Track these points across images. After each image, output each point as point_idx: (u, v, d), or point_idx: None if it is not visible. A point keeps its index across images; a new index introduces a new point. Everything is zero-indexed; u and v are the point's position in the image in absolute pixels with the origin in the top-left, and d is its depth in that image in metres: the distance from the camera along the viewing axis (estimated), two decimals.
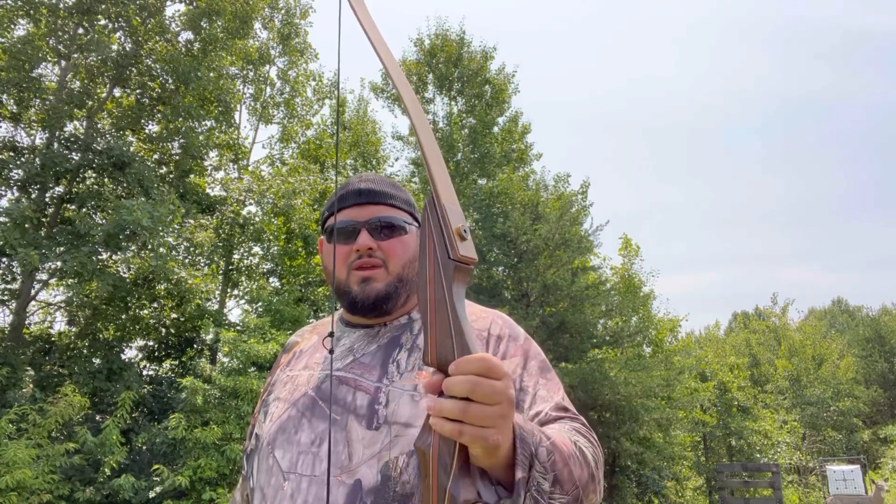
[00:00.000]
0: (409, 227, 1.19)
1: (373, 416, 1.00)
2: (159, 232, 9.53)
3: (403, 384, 1.03)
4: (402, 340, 1.12)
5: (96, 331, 11.27)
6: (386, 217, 1.16)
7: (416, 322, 1.16)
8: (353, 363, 1.10)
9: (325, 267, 1.23)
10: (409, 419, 0.98)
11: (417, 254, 1.13)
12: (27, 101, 10.43)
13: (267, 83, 14.82)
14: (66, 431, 8.61)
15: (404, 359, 1.08)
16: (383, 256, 1.13)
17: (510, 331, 1.15)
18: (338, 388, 1.06)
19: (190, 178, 12.45)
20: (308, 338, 1.29)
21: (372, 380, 1.05)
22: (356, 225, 1.15)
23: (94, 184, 11.10)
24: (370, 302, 1.12)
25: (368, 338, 1.15)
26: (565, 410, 1.03)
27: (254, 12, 12.45)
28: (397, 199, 1.21)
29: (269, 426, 1.09)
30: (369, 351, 1.12)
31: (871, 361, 36.56)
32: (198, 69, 11.08)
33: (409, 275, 1.15)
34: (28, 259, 8.55)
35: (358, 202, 1.17)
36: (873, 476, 19.24)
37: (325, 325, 1.29)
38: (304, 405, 1.07)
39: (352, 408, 1.02)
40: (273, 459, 1.03)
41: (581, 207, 17.12)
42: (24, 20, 10.45)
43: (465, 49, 18.07)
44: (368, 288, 1.12)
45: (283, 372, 1.22)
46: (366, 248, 1.12)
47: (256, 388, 8.73)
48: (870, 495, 12.98)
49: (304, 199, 12.31)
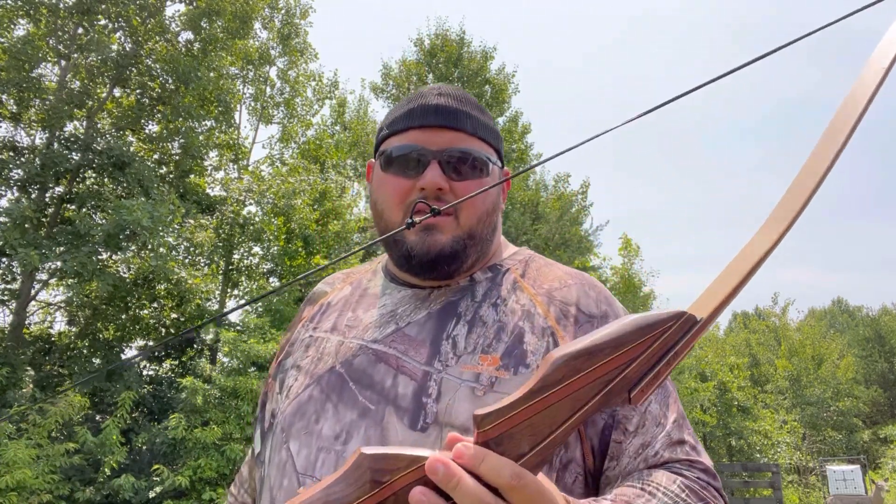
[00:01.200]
0: (493, 167, 0.91)
1: (419, 411, 0.76)
2: (159, 232, 9.53)
3: (461, 371, 0.78)
4: (459, 308, 0.86)
5: (96, 331, 11.28)
6: (467, 149, 0.88)
7: (479, 285, 0.89)
8: (395, 334, 0.85)
9: (373, 202, 0.94)
10: (467, 421, 0.74)
11: (497, 204, 0.93)
12: (27, 101, 10.43)
13: (267, 83, 14.83)
14: (66, 431, 8.61)
15: (462, 335, 0.82)
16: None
17: (607, 307, 0.87)
18: (374, 367, 0.82)
19: (190, 178, 12.46)
20: (339, 288, 1.00)
21: (419, 361, 0.81)
22: (425, 153, 0.87)
23: (94, 184, 11.10)
24: (429, 258, 0.85)
25: (417, 301, 0.89)
26: (681, 445, 0.78)
27: (254, 12, 12.45)
28: (484, 127, 0.92)
29: (285, 405, 0.85)
30: (417, 320, 0.86)
31: (871, 361, 36.58)
32: (198, 69, 11.08)
33: (483, 232, 0.89)
34: (28, 259, 8.55)
35: (431, 123, 0.88)
36: (873, 476, 19.23)
37: (363, 274, 1.01)
38: (330, 384, 0.83)
39: (391, 396, 0.78)
40: (286, 453, 0.80)
41: (581, 207, 17.12)
42: (24, 20, 10.45)
43: (465, 49, 18.08)
44: (430, 240, 0.85)
45: (305, 330, 0.95)
46: (434, 187, 0.85)
47: (256, 389, 8.73)
48: (870, 495, 12.99)
49: (304, 199, 12.31)
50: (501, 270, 0.92)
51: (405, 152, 0.88)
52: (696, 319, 0.53)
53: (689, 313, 0.53)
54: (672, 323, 0.52)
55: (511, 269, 0.92)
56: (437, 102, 0.89)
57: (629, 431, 0.77)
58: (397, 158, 0.88)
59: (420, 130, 0.88)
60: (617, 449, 0.77)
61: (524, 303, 0.85)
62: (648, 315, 0.52)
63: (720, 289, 0.56)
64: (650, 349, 0.52)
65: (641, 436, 0.77)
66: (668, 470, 0.74)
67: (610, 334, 0.51)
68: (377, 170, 0.94)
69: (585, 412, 0.51)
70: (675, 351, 0.53)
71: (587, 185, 17.95)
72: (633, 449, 0.77)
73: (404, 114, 0.91)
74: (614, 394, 0.51)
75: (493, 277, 0.90)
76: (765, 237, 0.59)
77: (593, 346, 0.50)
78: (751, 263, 0.57)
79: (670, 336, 0.52)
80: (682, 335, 0.53)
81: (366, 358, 0.84)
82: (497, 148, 0.95)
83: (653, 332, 0.52)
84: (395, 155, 0.88)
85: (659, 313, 0.52)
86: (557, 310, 0.84)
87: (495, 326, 0.82)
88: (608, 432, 0.78)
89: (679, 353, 0.53)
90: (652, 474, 0.73)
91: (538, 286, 0.88)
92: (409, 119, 0.90)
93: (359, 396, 0.80)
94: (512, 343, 0.80)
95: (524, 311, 0.84)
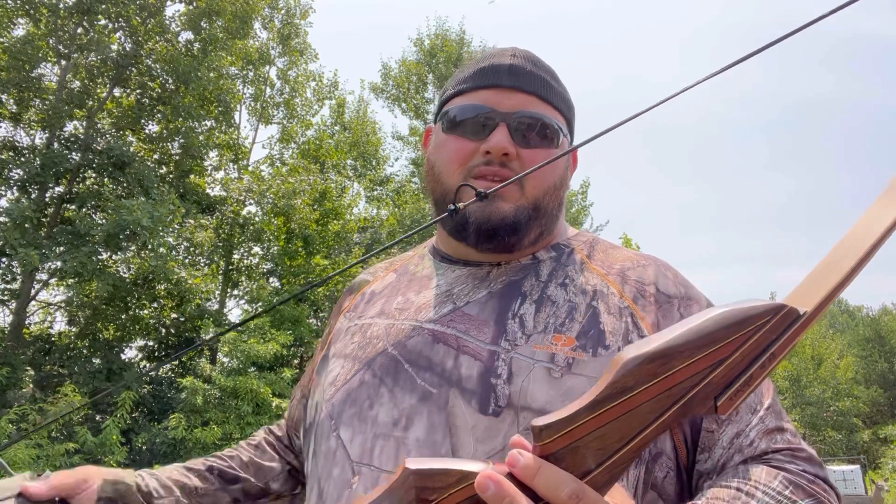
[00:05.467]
0: (563, 138, 0.84)
1: (488, 393, 0.69)
2: (159, 232, 9.53)
3: (533, 351, 0.71)
4: (524, 287, 0.79)
5: (96, 331, 11.28)
6: (538, 115, 0.81)
7: (542, 264, 0.82)
8: (453, 314, 0.78)
9: (429, 165, 0.87)
10: (545, 404, 0.67)
11: (565, 179, 0.87)
12: (27, 101, 10.44)
13: (267, 83, 14.84)
14: (66, 431, 8.61)
15: (530, 314, 0.75)
16: (521, 170, 0.79)
17: (685, 289, 0.80)
18: (431, 348, 0.75)
19: (190, 178, 12.46)
20: (382, 276, 0.94)
21: (484, 340, 0.74)
22: (494, 115, 0.80)
23: (94, 184, 11.11)
24: (489, 227, 0.78)
25: (475, 280, 0.82)
26: (780, 433, 0.69)
27: (254, 12, 12.46)
28: (558, 94, 0.85)
29: (331, 393, 0.78)
30: (477, 299, 0.79)
31: (871, 361, 36.57)
32: (198, 69, 11.09)
33: (549, 205, 0.82)
34: (28, 259, 8.56)
35: (503, 84, 0.82)
36: (873, 476, 19.23)
37: (407, 261, 0.95)
38: (383, 367, 0.76)
39: (454, 378, 0.72)
40: (336, 441, 0.73)
41: (581, 207, 17.15)
42: (24, 20, 10.45)
43: (465, 49, 18.09)
44: (491, 207, 0.78)
45: (347, 320, 0.89)
46: (500, 151, 0.78)
47: (256, 388, 8.73)
48: (870, 495, 12.99)
49: (304, 199, 12.32)
50: (566, 251, 0.85)
51: (472, 113, 0.81)
52: (798, 313, 0.45)
53: (790, 306, 0.45)
54: (769, 318, 0.44)
55: (576, 249, 0.85)
56: (512, 62, 0.83)
57: (721, 419, 0.70)
58: (462, 119, 0.82)
59: (490, 91, 0.82)
60: (709, 439, 0.70)
61: (595, 283, 0.79)
62: (738, 308, 0.44)
63: (828, 276, 0.47)
64: (741, 349, 0.44)
65: (735, 424, 0.69)
66: (768, 464, 0.66)
67: (691, 332, 0.44)
68: (438, 132, 0.87)
69: (662, 423, 0.44)
70: (773, 351, 0.45)
71: (587, 185, 17.99)
72: (726, 439, 0.69)
73: (474, 73, 0.84)
74: (697, 402, 0.44)
75: (558, 257, 0.84)
76: (888, 208, 0.49)
77: (671, 346, 0.43)
78: (869, 242, 0.47)
79: (766, 334, 0.44)
80: (780, 332, 0.45)
81: (421, 339, 0.77)
82: (569, 119, 0.88)
83: (744, 330, 0.44)
84: (459, 115, 0.82)
85: (752, 305, 0.44)
86: (633, 289, 0.78)
87: (566, 306, 0.76)
88: (700, 420, 0.71)
89: (777, 353, 0.45)
90: (749, 470, 0.64)
91: (608, 267, 0.82)
92: (478, 78, 0.83)
93: (417, 379, 0.73)
94: (588, 322, 0.74)
95: (596, 291, 0.78)
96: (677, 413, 0.44)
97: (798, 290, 0.48)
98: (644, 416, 0.44)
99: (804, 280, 0.49)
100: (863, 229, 0.49)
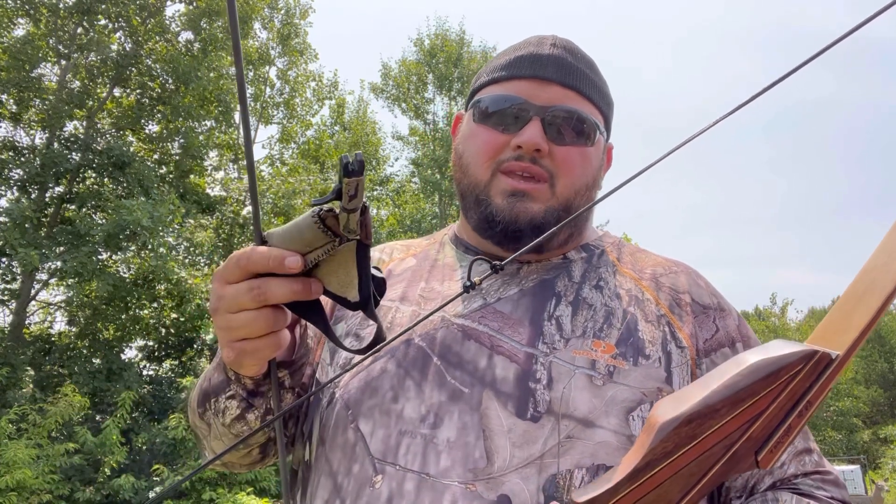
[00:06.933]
0: (599, 136, 0.80)
1: (527, 398, 0.66)
2: (159, 232, 9.54)
3: (573, 356, 0.69)
4: (557, 287, 0.76)
5: (96, 331, 11.28)
6: (575, 110, 0.77)
7: (574, 264, 0.79)
8: (483, 310, 0.74)
9: (457, 155, 0.83)
10: (588, 414, 0.65)
11: (598, 179, 0.82)
12: (27, 101, 10.44)
13: (267, 84, 14.84)
14: (66, 431, 8.61)
15: (567, 317, 0.72)
16: (552, 168, 0.75)
17: (717, 299, 0.79)
18: (462, 345, 0.71)
19: (190, 178, 12.47)
20: (400, 259, 0.88)
21: (520, 342, 0.70)
22: (527, 108, 0.76)
23: (93, 184, 11.11)
24: (516, 227, 0.74)
25: (504, 275, 0.78)
26: (808, 454, 0.70)
27: (254, 12, 12.47)
28: (597, 90, 0.81)
29: (348, 378, 0.73)
30: (509, 295, 0.75)
31: (871, 361, 36.57)
32: (198, 69, 11.09)
33: (580, 205, 0.78)
34: (28, 259, 8.56)
35: (539, 75, 0.77)
36: (873, 476, 19.24)
37: (426, 247, 0.89)
38: (410, 359, 0.71)
39: (487, 379, 0.68)
40: (355, 434, 0.68)
41: None
42: (24, 20, 10.46)
43: (465, 49, 18.08)
44: (519, 207, 0.74)
45: None
46: (532, 146, 0.74)
47: None
48: (870, 495, 12.99)
49: (304, 200, 12.32)
50: (596, 251, 0.82)
51: (504, 105, 0.76)
52: (831, 357, 0.43)
53: (822, 351, 0.43)
54: (802, 365, 0.43)
55: (607, 250, 0.83)
56: (551, 53, 0.78)
57: None
58: (495, 110, 0.77)
59: (525, 81, 0.77)
60: None
61: (629, 287, 0.77)
62: (771, 358, 0.43)
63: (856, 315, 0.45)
64: (777, 401, 0.43)
65: None
66: (796, 490, 0.65)
67: (726, 388, 0.42)
68: (468, 120, 0.82)
69: (705, 485, 0.42)
70: (809, 399, 0.44)
71: None
72: None
73: (510, 61, 0.79)
74: (738, 459, 0.43)
75: (589, 258, 0.81)
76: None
77: (707, 404, 0.41)
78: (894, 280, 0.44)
79: (801, 381, 0.43)
80: (814, 379, 0.43)
81: (450, 333, 0.72)
82: (606, 115, 0.83)
83: (779, 381, 0.42)
84: (492, 106, 0.77)
85: (784, 354, 0.43)
86: (669, 297, 0.76)
87: (603, 310, 0.73)
88: None
89: (813, 400, 0.44)
90: (780, 500, 0.63)
91: (639, 271, 0.80)
92: (514, 67, 0.78)
93: (447, 375, 0.69)
94: (626, 330, 0.72)
95: (631, 296, 0.75)
96: (721, 472, 0.43)
97: (824, 327, 0.48)
98: (686, 480, 0.42)
99: (829, 316, 0.48)
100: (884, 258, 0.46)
